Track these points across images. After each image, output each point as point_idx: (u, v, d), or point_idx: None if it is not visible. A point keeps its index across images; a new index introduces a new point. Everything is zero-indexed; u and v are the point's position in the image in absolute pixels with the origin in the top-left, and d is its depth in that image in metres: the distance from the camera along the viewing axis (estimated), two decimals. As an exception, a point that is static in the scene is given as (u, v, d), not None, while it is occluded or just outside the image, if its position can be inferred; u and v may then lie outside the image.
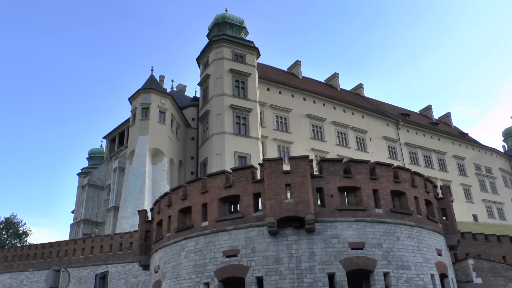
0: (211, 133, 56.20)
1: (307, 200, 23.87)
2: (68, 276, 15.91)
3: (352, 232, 24.40)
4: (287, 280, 23.19)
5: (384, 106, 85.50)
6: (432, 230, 28.19)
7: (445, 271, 27.69)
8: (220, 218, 25.77)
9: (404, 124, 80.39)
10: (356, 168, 26.15)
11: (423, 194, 29.07)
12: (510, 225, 78.56)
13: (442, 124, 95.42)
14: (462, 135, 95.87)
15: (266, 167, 25.12)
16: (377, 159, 33.71)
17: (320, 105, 68.31)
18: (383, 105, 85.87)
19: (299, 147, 60.79)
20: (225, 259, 24.69)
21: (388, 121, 78.10)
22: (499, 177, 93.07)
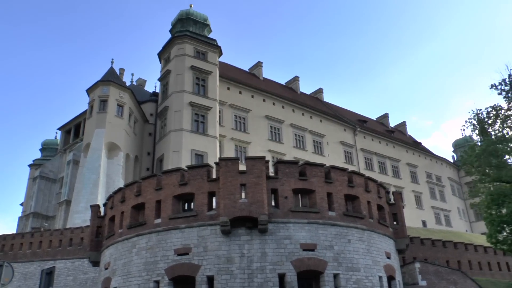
0: (169, 129, 55.67)
1: (261, 200, 24.00)
2: (11, 271, 15.37)
3: (305, 234, 24.70)
4: (238, 279, 23.23)
5: (343, 112, 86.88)
6: (382, 234, 28.88)
7: (393, 274, 28.42)
8: (173, 216, 25.56)
9: (361, 131, 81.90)
10: (311, 171, 26.48)
11: (376, 199, 29.74)
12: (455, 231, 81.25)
13: (397, 132, 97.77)
14: (415, 144, 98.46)
15: (222, 166, 25.10)
16: (333, 163, 34.25)
17: (279, 107, 68.77)
18: (341, 111, 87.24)
19: (256, 148, 60.98)
20: (176, 257, 24.51)
21: (345, 126, 79.39)
22: (447, 185, 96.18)
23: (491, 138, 47.57)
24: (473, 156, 48.25)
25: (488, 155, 46.35)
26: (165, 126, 57.64)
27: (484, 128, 48.62)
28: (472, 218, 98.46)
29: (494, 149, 45.96)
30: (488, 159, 46.76)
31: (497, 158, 46.56)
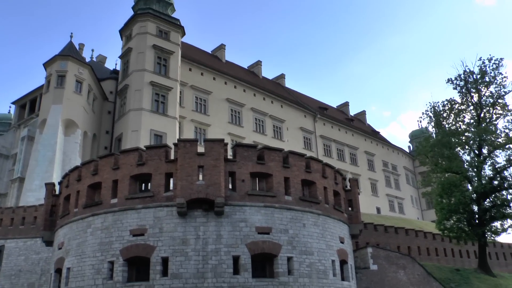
0: (129, 108, 54.82)
1: (218, 183, 24.05)
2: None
3: (260, 217, 24.94)
4: (192, 261, 23.30)
5: (304, 98, 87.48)
6: (337, 219, 29.48)
7: (346, 258, 29.12)
8: (130, 196, 25.27)
9: (321, 118, 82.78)
10: (269, 155, 26.66)
11: (332, 185, 30.26)
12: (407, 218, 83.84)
13: (357, 121, 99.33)
14: (374, 133, 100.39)
15: (181, 147, 24.95)
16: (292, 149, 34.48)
17: (240, 91, 68.65)
18: (302, 97, 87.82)
19: (216, 130, 60.83)
20: (131, 238, 24.31)
21: (306, 113, 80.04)
22: (402, 174, 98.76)
23: (445, 130, 49.22)
24: (427, 147, 49.89)
25: (441, 147, 47.99)
26: (124, 105, 56.71)
27: (439, 121, 50.27)
28: (424, 206, 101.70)
29: (447, 141, 47.60)
30: (441, 151, 48.41)
31: (449, 150, 48.25)
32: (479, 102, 49.29)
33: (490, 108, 49.17)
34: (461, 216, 48.06)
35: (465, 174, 47.93)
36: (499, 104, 48.60)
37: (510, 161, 47.29)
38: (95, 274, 24.27)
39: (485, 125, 47.33)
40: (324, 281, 26.11)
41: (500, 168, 47.87)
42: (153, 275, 23.17)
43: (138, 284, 23.28)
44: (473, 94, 49.75)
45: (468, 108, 50.23)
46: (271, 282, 24.11)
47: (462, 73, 49.69)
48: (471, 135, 48.52)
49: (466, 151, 50.15)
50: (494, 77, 47.92)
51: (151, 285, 22.96)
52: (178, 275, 22.98)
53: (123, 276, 23.65)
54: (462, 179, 48.22)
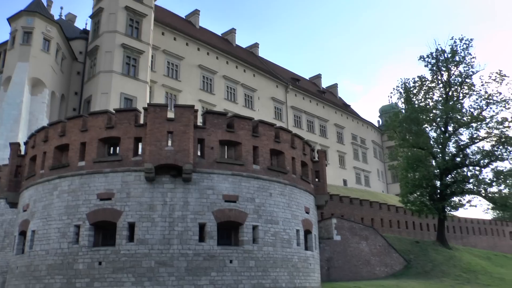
0: (99, 70, 53.65)
1: (187, 149, 23.96)
2: None
3: (228, 185, 25.05)
4: (159, 227, 23.32)
5: (276, 69, 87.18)
6: (303, 189, 29.85)
7: (310, 228, 29.65)
8: (98, 159, 24.92)
9: (293, 88, 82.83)
10: (239, 123, 26.63)
11: (301, 155, 30.52)
12: (373, 191, 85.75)
13: (328, 94, 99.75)
14: (345, 106, 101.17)
15: (150, 112, 24.64)
16: (263, 118, 34.60)
17: (213, 58, 67.90)
18: (275, 67, 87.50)
19: (187, 97, 60.26)
20: (98, 202, 24.10)
21: (278, 83, 79.91)
22: (370, 148, 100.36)
23: (414, 107, 50.17)
24: (396, 122, 50.82)
25: (410, 123, 48.97)
26: (94, 66, 55.46)
27: (409, 97, 51.15)
28: (389, 180, 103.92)
29: (415, 117, 48.56)
30: (409, 126, 49.42)
31: (417, 126, 49.28)
32: (448, 80, 50.30)
33: (458, 87, 50.27)
34: (424, 191, 49.59)
35: (431, 150, 49.23)
36: (467, 84, 49.76)
37: (473, 139, 48.79)
38: (60, 238, 24.05)
39: (452, 103, 48.39)
40: (287, 250, 26.62)
41: (463, 146, 49.33)
42: (119, 240, 23.13)
43: (104, 249, 23.20)
44: (443, 73, 50.72)
45: (437, 86, 51.27)
46: (235, 250, 24.43)
47: (434, 52, 50.48)
48: (439, 113, 49.67)
49: (433, 128, 51.43)
50: (464, 57, 48.95)
51: (117, 250, 22.92)
52: (144, 241, 23.01)
53: (89, 241, 23.52)
54: (427, 155, 49.56)
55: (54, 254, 23.88)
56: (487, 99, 47.87)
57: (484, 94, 48.17)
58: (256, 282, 24.42)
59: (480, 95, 48.49)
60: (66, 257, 23.46)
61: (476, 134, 48.61)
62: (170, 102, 57.48)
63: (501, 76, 47.37)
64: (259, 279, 24.60)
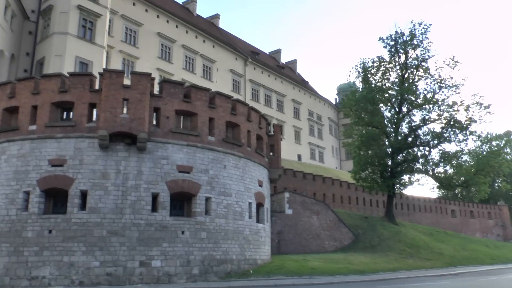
0: (53, 31, 51.48)
1: (142, 118, 23.65)
2: None
3: (182, 156, 24.98)
4: (112, 196, 23.11)
5: (237, 41, 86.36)
6: (258, 162, 30.14)
7: (263, 201, 30.07)
8: (50, 124, 24.19)
9: (252, 62, 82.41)
10: (196, 94, 26.44)
11: (256, 129, 30.69)
12: (326, 167, 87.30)
13: (287, 69, 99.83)
14: (303, 82, 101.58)
15: (106, 77, 24.06)
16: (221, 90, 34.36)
17: (173, 26, 66.47)
18: (235, 40, 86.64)
19: (144, 64, 58.95)
20: (50, 168, 23.52)
21: (237, 55, 79.27)
22: (326, 125, 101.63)
23: (371, 86, 51.11)
24: (353, 100, 51.62)
25: (366, 102, 49.87)
26: (48, 27, 53.20)
27: (367, 77, 51.98)
28: (343, 156, 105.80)
29: (371, 97, 49.49)
30: (365, 105, 50.35)
31: (373, 105, 50.28)
32: (405, 63, 51.36)
33: (414, 69, 51.46)
34: (376, 168, 51.01)
35: (384, 129, 50.50)
36: (422, 67, 50.99)
37: (425, 121, 50.34)
38: (8, 204, 23.38)
39: (407, 85, 49.57)
40: (239, 222, 26.97)
41: (415, 127, 50.85)
42: (70, 208, 22.76)
43: (55, 216, 22.76)
44: (400, 55, 51.69)
45: (394, 68, 52.24)
46: (188, 221, 24.55)
47: (393, 34, 51.35)
48: (394, 93, 50.83)
49: (388, 108, 52.63)
50: (422, 41, 50.05)
51: (68, 218, 22.57)
52: (96, 210, 22.76)
53: (39, 208, 22.99)
54: (380, 134, 50.81)
55: (1, 221, 23.23)
56: (440, 83, 49.33)
57: (437, 78, 49.61)
58: (207, 254, 24.70)
59: (434, 78, 49.90)
60: (14, 225, 22.88)
61: (428, 116, 50.24)
62: (127, 69, 56.11)
63: (454, 62, 48.86)
64: (210, 251, 24.89)
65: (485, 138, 59.61)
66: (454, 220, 75.64)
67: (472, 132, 48.58)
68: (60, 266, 21.82)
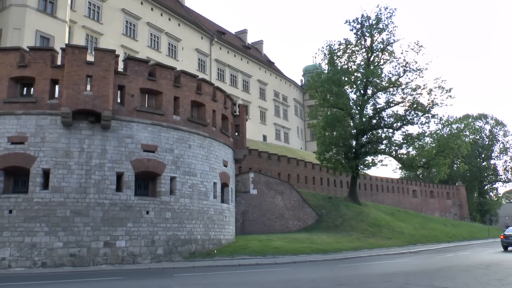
0: (10, 3, 49.55)
1: (106, 95, 23.17)
2: None
3: (147, 135, 24.72)
4: (75, 175, 22.68)
5: (203, 20, 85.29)
6: (223, 142, 30.12)
7: (227, 181, 30.15)
8: (9, 100, 23.30)
9: (218, 42, 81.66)
10: (161, 72, 26.08)
11: (222, 109, 30.58)
12: (292, 148, 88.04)
13: (253, 50, 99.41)
14: (269, 63, 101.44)
15: (69, 53, 23.37)
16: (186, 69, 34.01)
17: (138, 3, 65.02)
18: (201, 19, 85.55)
19: (109, 41, 57.59)
20: (10, 146, 22.74)
21: (203, 35, 78.36)
22: (292, 106, 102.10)
23: (337, 68, 51.54)
24: (318, 82, 51.95)
25: (331, 84, 50.27)
26: (5, -1, 51.37)
27: (333, 59, 52.37)
28: (308, 137, 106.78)
29: (337, 78, 49.90)
30: (330, 87, 50.74)
31: (338, 87, 50.72)
32: (371, 46, 51.98)
33: (379, 53, 52.20)
34: (340, 149, 51.74)
35: (349, 111, 51.13)
36: (387, 51, 51.79)
37: (389, 104, 51.25)
38: (-36, 183, 22.69)
39: (373, 68, 50.21)
40: (204, 202, 27.00)
41: (379, 109, 51.72)
42: (32, 188, 22.18)
43: (15, 196, 22.13)
44: (366, 38, 52.27)
45: (360, 51, 52.85)
46: (153, 201, 24.41)
47: (359, 17, 51.79)
48: (360, 76, 51.40)
49: (353, 90, 53.30)
50: (387, 25, 50.66)
51: (30, 198, 22.01)
52: (59, 189, 22.29)
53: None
54: (345, 116, 51.41)
55: (-43, 200, 22.49)
56: (404, 66, 50.28)
57: (402, 62, 50.48)
58: (171, 234, 24.67)
59: (398, 62, 50.77)
60: (-28, 204, 22.19)
61: (392, 98, 51.21)
62: (91, 45, 54.66)
63: (418, 46, 49.74)
64: (175, 231, 24.88)
65: (446, 121, 61.30)
66: (415, 200, 77.90)
67: (434, 115, 49.84)
68: (21, 247, 21.32)
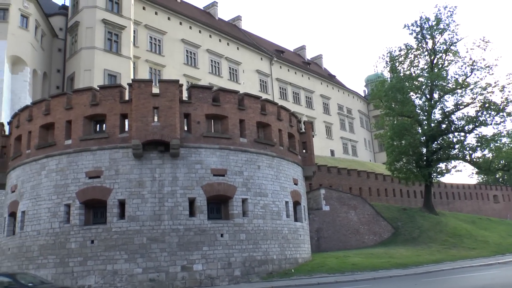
0: (80, 46, 52.69)
1: (173, 124, 23.87)
2: None
3: (216, 159, 25.11)
4: (149, 203, 23.43)
5: (260, 41, 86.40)
6: (291, 161, 30.02)
7: (299, 199, 29.92)
8: (84, 137, 24.76)
9: (278, 60, 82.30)
10: (225, 97, 26.55)
11: (287, 127, 30.58)
12: (360, 161, 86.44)
13: (313, 65, 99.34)
14: (330, 76, 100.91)
15: (135, 87, 24.41)
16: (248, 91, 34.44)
17: (196, 32, 67.00)
18: (259, 40, 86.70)
19: (171, 71, 59.61)
20: (87, 180, 24.06)
21: (262, 55, 79.31)
22: (357, 118, 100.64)
23: (400, 75, 50.28)
24: (382, 91, 50.85)
25: (395, 91, 49.04)
26: (76, 43, 54.45)
27: (395, 66, 51.18)
28: (376, 149, 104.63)
29: (401, 85, 48.62)
30: (394, 95, 49.52)
31: (403, 94, 49.39)
32: (433, 48, 50.33)
33: (442, 54, 50.37)
34: (410, 158, 50.14)
35: (416, 118, 49.58)
36: (451, 51, 49.82)
37: (458, 106, 49.18)
38: (51, 218, 24.08)
39: (437, 70, 48.55)
40: (277, 222, 26.91)
41: (448, 112, 49.74)
42: (110, 218, 23.24)
43: (96, 227, 23.31)
44: (427, 41, 50.73)
45: (422, 54, 51.25)
46: (226, 223, 24.65)
47: (418, 20, 50.46)
48: (424, 80, 49.85)
49: (418, 96, 51.68)
50: (448, 24, 48.90)
51: (109, 228, 23.06)
52: (135, 218, 23.15)
53: (80, 219, 23.58)
54: (413, 123, 49.90)
55: (46, 234, 23.96)
56: (471, 65, 48.00)
57: (468, 60, 48.31)
58: (247, 255, 24.74)
59: (464, 61, 48.65)
60: (58, 237, 23.54)
61: (460, 100, 49.02)
62: (155, 77, 56.81)
63: (485, 42, 47.44)
64: (250, 252, 24.92)
65: (524, 118, 57.70)
66: (497, 206, 73.70)
67: (510, 113, 47.05)
68: (104, 275, 22.28)
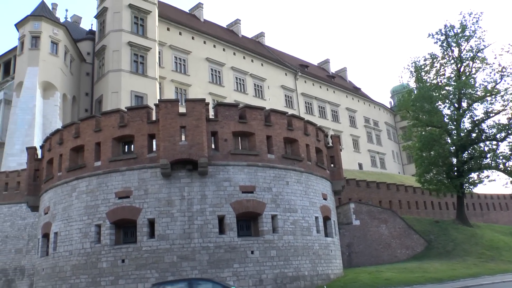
0: (107, 69, 53.89)
1: (201, 143, 24.05)
2: None
3: (244, 176, 25.13)
4: (178, 222, 23.56)
5: (284, 56, 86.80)
6: (320, 176, 29.82)
7: (329, 214, 29.64)
8: (113, 158, 25.22)
9: (302, 75, 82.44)
10: (251, 114, 26.66)
11: (314, 142, 30.46)
12: (389, 173, 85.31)
13: (338, 78, 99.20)
14: (355, 89, 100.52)
15: (162, 108, 24.76)
16: (274, 107, 34.52)
17: (220, 50, 67.78)
18: (283, 55, 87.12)
19: (197, 90, 60.31)
20: (117, 201, 24.42)
21: (286, 71, 79.60)
22: (384, 130, 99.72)
23: (426, 85, 49.52)
24: (408, 101, 50.22)
25: (422, 101, 48.33)
26: (103, 66, 55.73)
27: (420, 76, 50.48)
28: (405, 160, 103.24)
29: (428, 95, 47.91)
30: (422, 105, 48.80)
31: (430, 104, 48.64)
32: (459, 56, 49.49)
33: (469, 62, 49.45)
34: (440, 169, 49.08)
35: (445, 127, 48.63)
36: (478, 58, 48.86)
37: (488, 114, 48.05)
38: (82, 238, 24.48)
39: (464, 78, 47.69)
40: (308, 238, 26.67)
41: (478, 121, 48.63)
42: (140, 237, 23.45)
43: (126, 246, 23.56)
44: (453, 49, 49.90)
45: (448, 63, 50.43)
46: (256, 240, 24.55)
47: (442, 28, 49.77)
48: (451, 89, 48.96)
49: (446, 105, 50.68)
50: (474, 31, 48.03)
51: (139, 247, 23.25)
52: (165, 236, 23.29)
53: (110, 239, 23.89)
54: (442, 133, 48.96)
55: (78, 254, 24.33)
56: (500, 71, 46.97)
57: (497, 67, 47.30)
58: (278, 272, 24.54)
59: (493, 68, 47.66)
60: (90, 257, 23.87)
61: (491, 108, 47.85)
62: (181, 97, 57.52)
63: (514, 47, 46.38)
64: (282, 268, 24.72)
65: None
66: (535, 216, 71.32)
67: (545, 118, 45.69)
68: (136, 294, 22.38)
